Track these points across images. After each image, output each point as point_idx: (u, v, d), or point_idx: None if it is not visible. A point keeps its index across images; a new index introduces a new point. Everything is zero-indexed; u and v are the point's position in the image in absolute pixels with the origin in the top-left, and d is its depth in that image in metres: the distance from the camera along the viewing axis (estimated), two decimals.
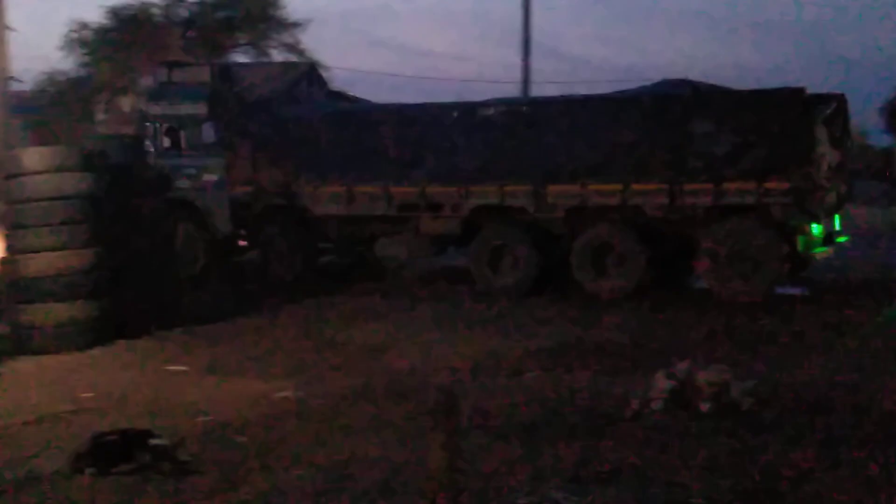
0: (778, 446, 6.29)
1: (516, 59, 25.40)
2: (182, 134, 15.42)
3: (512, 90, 25.28)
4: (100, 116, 28.44)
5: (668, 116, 12.46)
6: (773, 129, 11.91)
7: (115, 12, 30.46)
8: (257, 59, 31.06)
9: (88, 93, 27.29)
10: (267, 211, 15.13)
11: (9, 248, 11.04)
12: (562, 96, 14.19)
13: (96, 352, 10.53)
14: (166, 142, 15.56)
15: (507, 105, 13.97)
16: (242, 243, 15.87)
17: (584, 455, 6.18)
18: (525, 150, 13.21)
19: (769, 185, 11.84)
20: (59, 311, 10.66)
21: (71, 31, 30.48)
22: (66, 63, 29.83)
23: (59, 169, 10.91)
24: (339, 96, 18.18)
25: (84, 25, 30.52)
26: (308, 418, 7.41)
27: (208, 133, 15.38)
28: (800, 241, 12.07)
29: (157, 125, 15.39)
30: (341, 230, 14.73)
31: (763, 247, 12.06)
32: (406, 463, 6.07)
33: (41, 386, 9.07)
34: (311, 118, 15.04)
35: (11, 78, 13.32)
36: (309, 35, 32.19)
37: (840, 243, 13.27)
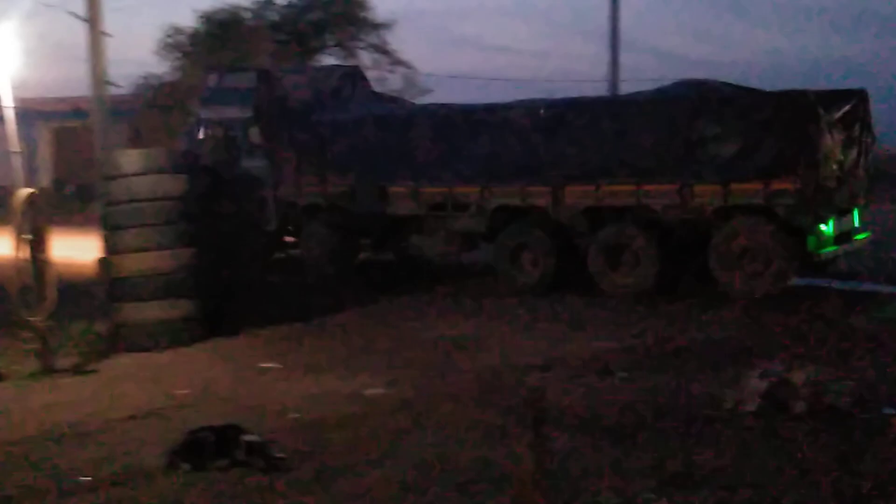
0: (878, 449, 6.10)
1: (606, 54, 25.22)
2: (230, 136, 15.89)
3: (601, 87, 25.07)
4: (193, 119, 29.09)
5: (677, 118, 12.63)
6: (778, 131, 12.02)
7: (207, 16, 31.10)
8: (345, 60, 31.40)
9: (183, 96, 27.85)
10: (308, 209, 15.68)
11: (107, 249, 11.32)
12: (576, 98, 14.37)
13: (191, 349, 10.74)
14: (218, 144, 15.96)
15: (525, 107, 14.10)
16: (288, 240, 16.45)
17: (675, 458, 6.08)
18: (542, 151, 13.45)
19: (775, 186, 11.96)
20: (156, 310, 10.88)
21: (166, 35, 31.23)
22: (161, 67, 30.61)
23: (154, 171, 11.13)
24: (384, 98, 18.52)
25: (178, 30, 31.24)
26: (397, 415, 7.45)
27: (254, 135, 15.93)
28: (809, 241, 12.12)
29: (209, 128, 15.94)
30: (375, 228, 15.18)
31: (770, 245, 12.16)
32: (494, 461, 6.06)
33: (138, 383, 9.29)
34: (346, 121, 15.43)
35: (109, 83, 13.69)
36: (395, 35, 32.45)
37: (860, 240, 13.26)
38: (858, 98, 12.76)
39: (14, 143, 10.42)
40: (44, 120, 35.35)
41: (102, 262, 11.51)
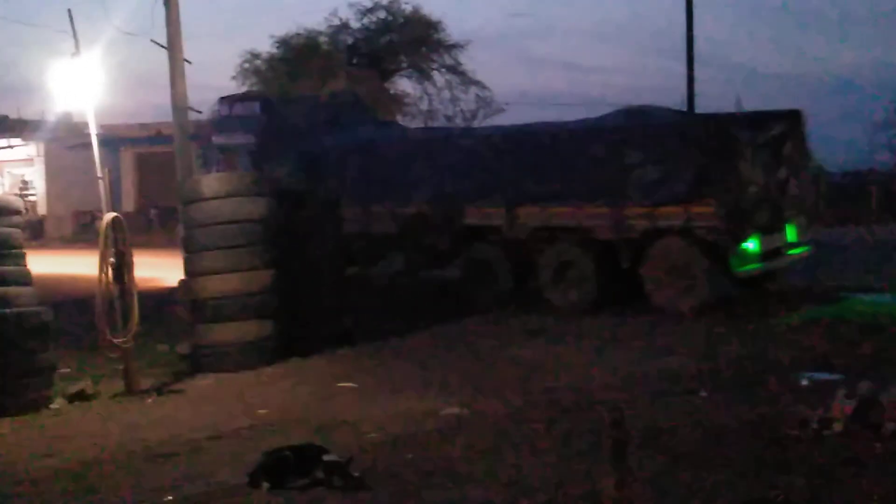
0: None
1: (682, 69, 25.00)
2: (237, 160, 17.13)
3: (676, 101, 24.82)
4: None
5: (609, 146, 13.49)
6: (696, 156, 12.79)
7: (284, 41, 31.57)
8: (419, 82, 31.62)
9: None
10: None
11: (188, 271, 11.51)
12: (524, 125, 15.42)
13: (271, 369, 10.86)
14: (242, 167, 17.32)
15: (481, 134, 15.59)
16: None
17: (759, 481, 5.94)
18: (498, 175, 14.31)
19: (694, 209, 12.71)
20: (237, 331, 11.04)
21: (243, 61, 31.78)
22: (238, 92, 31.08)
23: (235, 194, 11.33)
24: (384, 124, 19.30)
25: (256, 55, 31.77)
26: (475, 435, 7.42)
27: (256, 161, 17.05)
28: (731, 260, 12.74)
29: (219, 152, 17.22)
30: (358, 246, 15.56)
31: (694, 265, 12.91)
32: (573, 482, 5.98)
33: (220, 403, 9.42)
34: (333, 147, 16.04)
35: (189, 108, 13.95)
36: (469, 56, 32.59)
37: (796, 255, 13.96)
38: (790, 119, 13.68)
39: (99, 169, 10.67)
40: (127, 146, 36.26)
41: (184, 285, 11.71)
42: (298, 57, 31.12)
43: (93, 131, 10.73)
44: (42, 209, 38.23)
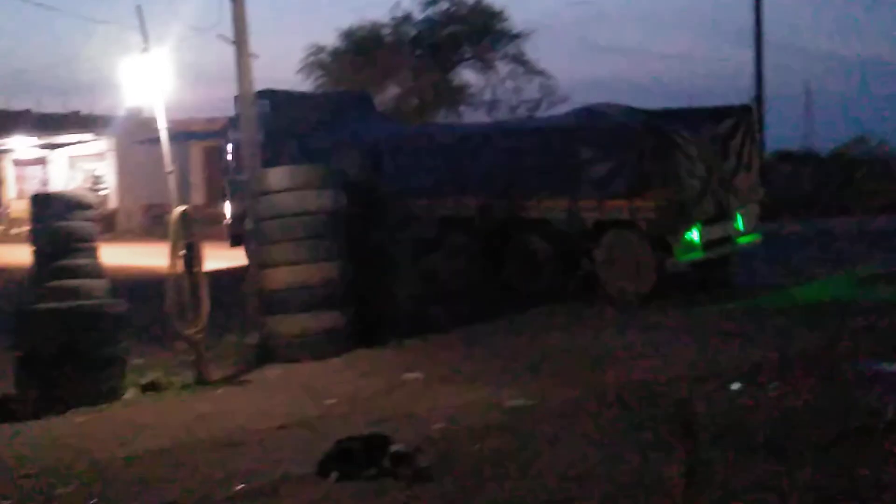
0: None
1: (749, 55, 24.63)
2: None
3: (746, 87, 24.44)
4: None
5: (563, 143, 14.56)
6: (637, 154, 13.73)
7: (347, 34, 31.70)
8: (482, 72, 31.51)
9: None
10: None
11: (256, 263, 11.65)
12: (490, 123, 17.53)
13: (338, 360, 10.94)
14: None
15: (449, 132, 17.01)
16: None
17: (835, 474, 5.82)
18: (470, 170, 15.33)
19: (637, 203, 13.67)
20: (304, 322, 11.15)
21: (308, 54, 31.98)
22: (304, 86, 31.34)
23: (302, 186, 11.43)
24: (386, 121, 20.10)
25: (321, 49, 31.94)
26: (542, 426, 7.38)
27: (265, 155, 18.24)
28: (675, 250, 13.67)
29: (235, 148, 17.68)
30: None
31: (639, 254, 13.79)
32: (643, 473, 5.93)
33: (288, 393, 9.51)
34: (327, 145, 16.62)
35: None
36: (533, 45, 32.39)
37: (746, 243, 14.93)
38: (739, 114, 14.70)
39: (168, 163, 10.83)
40: (195, 140, 36.75)
41: (251, 277, 11.84)
42: (362, 49, 31.24)
43: (162, 126, 10.89)
44: (113, 203, 38.95)
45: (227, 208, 18.20)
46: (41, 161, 41.46)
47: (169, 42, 11.34)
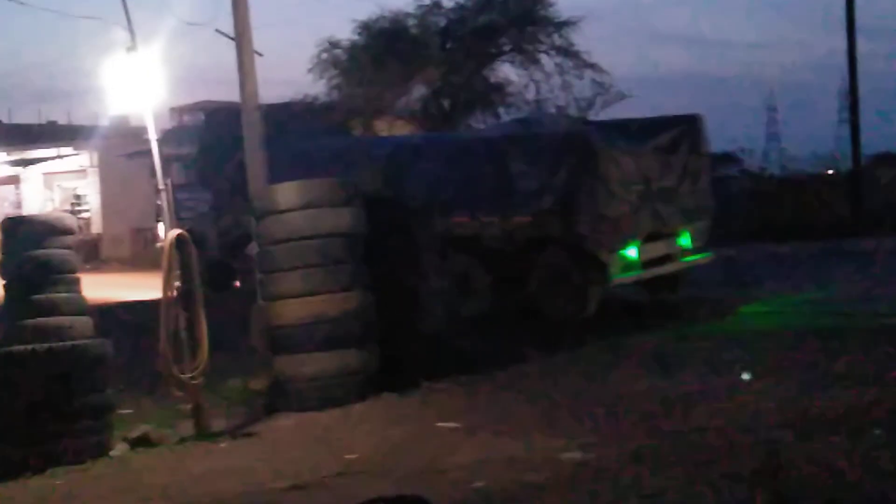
0: None
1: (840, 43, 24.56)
2: (183, 171, 20.52)
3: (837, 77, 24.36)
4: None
5: (495, 157, 15.56)
6: (567, 169, 14.69)
7: (366, 27, 31.80)
8: (524, 67, 31.51)
9: (342, 117, 28.57)
10: (244, 238, 17.72)
11: (263, 294, 11.63)
12: (423, 136, 18.84)
13: (360, 407, 10.91)
14: (178, 178, 20.15)
15: (386, 143, 18.45)
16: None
17: None
18: (408, 184, 16.01)
19: (567, 219, 14.64)
20: (320, 363, 11.10)
21: (320, 51, 32.09)
22: (315, 87, 31.41)
23: (314, 205, 11.39)
24: (334, 133, 22.15)
25: (335, 44, 32.05)
26: (599, 485, 7.32)
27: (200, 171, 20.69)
28: (610, 269, 14.61)
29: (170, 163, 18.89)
30: None
31: (573, 273, 14.82)
32: None
33: (302, 447, 9.51)
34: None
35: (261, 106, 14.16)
36: (583, 35, 32.34)
37: (692, 261, 15.94)
38: (684, 125, 15.96)
39: (160, 180, 10.91)
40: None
41: (258, 310, 11.83)
42: (382, 43, 31.33)
43: (152, 136, 10.97)
44: (97, 227, 39.33)
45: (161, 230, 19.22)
46: (13, 180, 42.03)
47: (159, 39, 11.45)
